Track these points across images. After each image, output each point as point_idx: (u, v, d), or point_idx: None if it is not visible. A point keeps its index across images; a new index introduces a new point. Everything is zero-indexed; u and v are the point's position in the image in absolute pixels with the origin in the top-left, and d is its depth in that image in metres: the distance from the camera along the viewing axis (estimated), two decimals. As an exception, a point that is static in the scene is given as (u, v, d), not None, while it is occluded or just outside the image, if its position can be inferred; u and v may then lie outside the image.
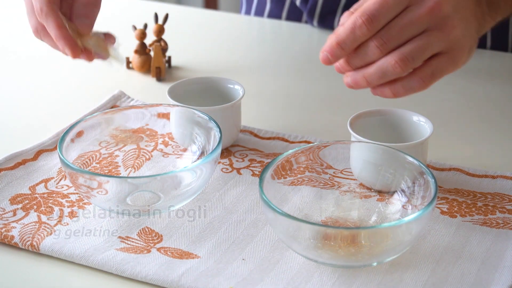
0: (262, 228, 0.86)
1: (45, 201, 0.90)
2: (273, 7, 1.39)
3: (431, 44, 0.79)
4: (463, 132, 1.06)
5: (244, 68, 1.24)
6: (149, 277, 0.79)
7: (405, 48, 0.78)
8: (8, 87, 1.20)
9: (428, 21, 0.79)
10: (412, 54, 0.78)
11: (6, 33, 1.38)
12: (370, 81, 0.79)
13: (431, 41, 0.79)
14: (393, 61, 0.78)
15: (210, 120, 0.92)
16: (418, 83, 0.80)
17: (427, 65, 0.80)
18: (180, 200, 0.88)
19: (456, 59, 0.81)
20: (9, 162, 0.96)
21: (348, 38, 0.78)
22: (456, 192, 0.92)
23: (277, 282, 0.79)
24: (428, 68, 0.80)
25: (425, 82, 0.80)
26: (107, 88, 1.13)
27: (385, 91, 0.81)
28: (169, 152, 0.98)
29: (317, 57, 1.28)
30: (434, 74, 0.80)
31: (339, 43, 0.79)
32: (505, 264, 0.81)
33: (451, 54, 0.81)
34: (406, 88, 0.80)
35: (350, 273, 0.80)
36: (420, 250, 0.83)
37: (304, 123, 1.08)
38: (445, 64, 0.81)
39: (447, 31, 0.80)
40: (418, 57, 0.79)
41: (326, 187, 0.90)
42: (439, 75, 0.81)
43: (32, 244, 0.83)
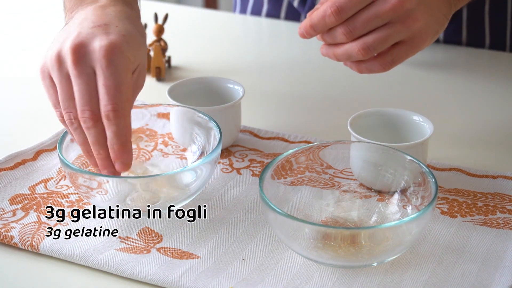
0: (262, 228, 0.86)
1: (44, 201, 0.90)
2: (270, 7, 1.39)
3: (392, 36, 0.87)
4: (463, 132, 1.06)
5: (244, 68, 1.24)
6: (149, 277, 0.79)
7: (368, 38, 0.87)
8: (8, 87, 1.20)
9: (391, 16, 0.86)
10: (374, 44, 0.87)
11: (6, 33, 1.38)
12: (338, 59, 0.90)
13: (392, 33, 0.87)
14: (357, 48, 0.87)
15: (210, 120, 0.92)
16: (379, 67, 0.90)
17: (389, 53, 0.89)
18: (180, 200, 0.88)
19: (417, 47, 0.90)
20: (9, 162, 0.96)
21: (319, 23, 0.88)
22: (456, 192, 0.92)
23: (277, 282, 0.79)
24: (389, 55, 0.89)
25: (385, 67, 0.89)
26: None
27: (352, 67, 0.91)
28: (169, 152, 0.98)
29: (318, 58, 1.28)
30: (394, 60, 0.89)
31: (311, 25, 0.88)
32: (506, 264, 0.81)
33: (412, 42, 0.89)
34: (369, 69, 0.90)
35: (350, 273, 0.80)
36: (420, 250, 0.83)
37: (304, 123, 1.08)
38: (405, 51, 0.89)
39: (409, 24, 0.87)
40: (379, 47, 0.87)
41: (326, 187, 0.90)
42: (399, 61, 0.90)
43: (31, 244, 0.83)
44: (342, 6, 0.86)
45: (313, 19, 0.88)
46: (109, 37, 0.83)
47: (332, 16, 0.86)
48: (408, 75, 1.21)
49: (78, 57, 0.82)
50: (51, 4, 1.51)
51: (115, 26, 0.85)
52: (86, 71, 0.82)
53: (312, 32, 0.89)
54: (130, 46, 0.84)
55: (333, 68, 1.24)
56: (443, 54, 1.27)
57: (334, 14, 0.86)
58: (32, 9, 1.49)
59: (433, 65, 1.24)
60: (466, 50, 1.28)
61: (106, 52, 0.82)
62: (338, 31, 0.87)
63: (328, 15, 0.87)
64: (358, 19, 0.87)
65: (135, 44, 0.85)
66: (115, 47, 0.83)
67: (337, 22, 0.87)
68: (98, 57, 0.82)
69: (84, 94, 0.82)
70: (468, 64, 1.25)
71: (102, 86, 0.82)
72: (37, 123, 1.08)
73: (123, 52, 0.83)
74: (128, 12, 0.89)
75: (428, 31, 0.89)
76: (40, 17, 1.45)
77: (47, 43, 1.33)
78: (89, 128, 0.82)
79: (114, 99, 0.82)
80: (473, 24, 1.27)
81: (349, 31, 0.87)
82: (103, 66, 0.82)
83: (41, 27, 1.40)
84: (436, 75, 1.21)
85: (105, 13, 0.87)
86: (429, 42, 0.91)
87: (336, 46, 0.89)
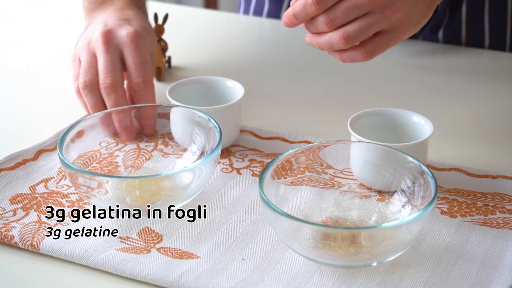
0: (262, 228, 0.86)
1: (45, 201, 0.90)
2: (271, 7, 1.39)
3: (372, 26, 0.90)
4: (463, 132, 1.06)
5: (244, 68, 1.24)
6: (149, 277, 0.79)
7: (349, 28, 0.89)
8: (8, 87, 1.20)
9: (370, 6, 0.89)
10: (354, 33, 0.89)
11: (6, 33, 1.38)
12: (321, 48, 0.92)
13: (372, 23, 0.89)
14: (338, 37, 0.90)
15: (210, 120, 0.92)
16: (361, 56, 0.92)
17: (370, 42, 0.91)
18: (180, 200, 0.88)
19: (398, 37, 0.92)
20: (9, 162, 0.96)
21: (301, 12, 0.90)
22: (456, 192, 0.92)
23: (277, 282, 0.79)
24: (370, 45, 0.91)
25: (367, 56, 0.92)
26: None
27: (335, 55, 0.93)
28: (169, 152, 0.98)
29: (318, 57, 1.28)
30: (376, 50, 0.92)
31: (294, 14, 0.91)
32: (505, 264, 0.81)
33: (393, 33, 0.91)
34: (351, 58, 0.92)
35: (350, 273, 0.80)
36: (420, 250, 0.83)
37: (304, 123, 1.08)
38: (386, 42, 0.92)
39: (389, 14, 0.89)
40: (360, 36, 0.90)
41: (326, 187, 0.90)
42: (381, 50, 0.92)
43: (32, 244, 0.83)
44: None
45: (295, 8, 0.90)
46: (133, 27, 1.03)
47: (313, 5, 0.89)
48: (408, 75, 1.21)
49: (107, 39, 1.01)
50: (56, 8, 1.51)
51: (135, 21, 1.05)
52: (112, 49, 1.00)
53: (295, 21, 0.91)
54: (148, 35, 1.04)
55: (333, 68, 1.24)
56: (442, 54, 1.27)
57: (315, 3, 0.89)
58: (33, 10, 1.49)
59: (433, 65, 1.24)
60: (465, 50, 1.28)
61: (133, 37, 1.01)
62: (320, 20, 0.90)
63: (309, 4, 0.89)
64: (338, 9, 0.89)
65: (151, 35, 1.06)
66: (139, 34, 1.02)
67: (318, 11, 0.89)
68: (126, 41, 1.01)
69: (108, 64, 0.99)
70: (467, 64, 1.25)
71: (132, 63, 1.01)
72: (37, 123, 1.08)
73: (144, 39, 1.03)
74: (141, 14, 1.08)
75: (409, 21, 0.91)
76: (42, 18, 1.45)
77: (48, 43, 1.33)
78: (109, 94, 0.98)
79: (143, 73, 1.00)
80: (473, 24, 1.27)
81: (329, 20, 0.89)
82: (131, 47, 1.01)
83: (43, 28, 1.40)
84: (436, 75, 1.21)
85: (124, 13, 1.06)
86: (411, 32, 0.93)
87: (319, 35, 0.92)
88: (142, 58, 1.01)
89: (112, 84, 0.98)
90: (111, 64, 0.99)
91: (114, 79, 0.98)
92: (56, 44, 1.33)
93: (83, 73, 1.00)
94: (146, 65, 1.01)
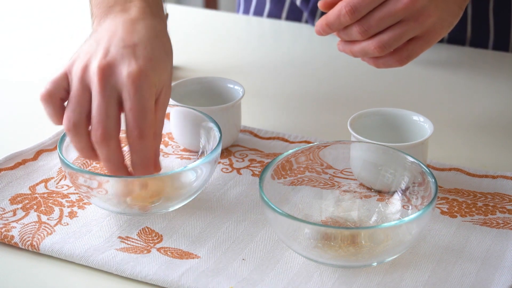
0: (262, 228, 0.86)
1: (45, 201, 0.90)
2: (272, 7, 1.39)
3: (406, 33, 0.91)
4: (463, 132, 1.06)
5: (244, 68, 1.24)
6: (149, 277, 0.79)
7: (383, 36, 0.91)
8: (8, 87, 1.20)
9: (403, 14, 0.90)
10: (389, 42, 0.91)
11: (6, 33, 1.38)
12: (355, 55, 0.94)
13: (406, 30, 0.91)
14: (373, 46, 0.91)
15: (210, 120, 0.92)
16: (396, 63, 0.93)
17: (404, 48, 0.93)
18: (180, 200, 0.88)
19: (432, 41, 0.93)
20: (9, 162, 0.96)
21: (334, 22, 0.91)
22: (456, 192, 0.92)
23: (277, 282, 0.79)
24: (405, 51, 0.93)
25: (402, 62, 0.93)
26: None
27: (369, 62, 0.95)
28: (169, 152, 0.98)
29: (318, 57, 1.28)
30: (410, 55, 0.93)
31: (327, 24, 0.92)
32: (505, 264, 0.81)
33: (427, 37, 0.93)
34: (386, 65, 0.94)
35: (350, 273, 0.80)
36: (420, 250, 0.83)
37: (304, 123, 1.08)
38: (420, 47, 0.93)
39: (422, 20, 0.90)
40: (394, 44, 0.91)
41: (326, 187, 0.90)
42: (415, 55, 0.94)
43: (32, 244, 0.83)
44: (356, 6, 0.89)
45: (329, 18, 0.91)
46: (137, 62, 0.85)
47: (346, 16, 0.90)
48: (409, 74, 1.21)
49: (104, 77, 0.84)
50: (57, 7, 1.51)
51: (143, 48, 0.86)
52: (109, 91, 0.84)
53: (328, 30, 0.92)
54: (156, 71, 0.86)
55: (333, 68, 1.24)
56: (445, 54, 1.27)
57: (349, 14, 0.89)
58: (33, 11, 1.49)
59: (435, 64, 1.24)
60: (469, 50, 1.27)
61: (134, 79, 0.83)
62: (354, 30, 0.91)
63: (343, 14, 0.90)
64: (372, 18, 0.90)
65: (161, 67, 0.87)
66: (142, 74, 0.84)
67: (351, 21, 0.90)
68: (126, 82, 0.84)
69: (101, 111, 0.83)
70: (470, 64, 1.25)
71: (129, 110, 0.84)
72: (37, 123, 1.08)
73: (149, 78, 0.85)
74: (157, 28, 0.90)
75: (442, 25, 0.92)
76: (44, 19, 1.45)
77: (49, 46, 1.33)
78: (100, 147, 0.83)
79: (139, 124, 0.84)
80: (478, 24, 1.27)
81: (364, 30, 0.90)
82: (130, 91, 0.83)
83: (45, 29, 1.40)
84: (437, 75, 1.21)
85: (135, 30, 0.88)
86: (443, 35, 0.94)
87: (352, 43, 0.93)
88: (141, 104, 0.83)
89: (103, 137, 0.83)
90: (105, 111, 0.83)
91: (105, 131, 0.83)
92: (56, 44, 1.33)
93: (70, 110, 0.84)
94: (145, 113, 0.84)
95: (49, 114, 0.87)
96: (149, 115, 0.84)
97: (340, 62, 1.25)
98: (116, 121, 0.84)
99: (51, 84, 0.86)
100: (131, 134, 0.83)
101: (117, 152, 0.84)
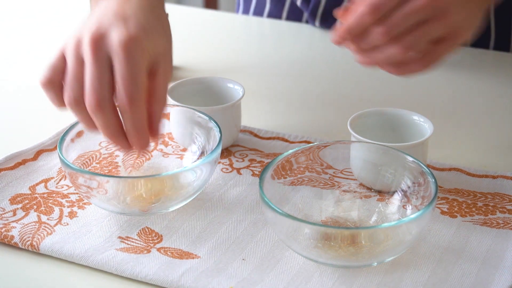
0: (262, 228, 0.86)
1: (45, 201, 0.90)
2: (272, 7, 1.39)
3: (429, 32, 0.86)
4: (463, 132, 1.06)
5: (244, 68, 1.24)
6: (149, 277, 0.79)
7: (406, 37, 0.86)
8: (8, 87, 1.20)
9: (427, 12, 0.85)
10: (413, 42, 0.86)
11: (5, 33, 1.38)
12: (378, 63, 0.88)
13: (429, 30, 0.86)
14: (397, 49, 0.86)
15: (210, 120, 0.92)
16: (421, 67, 0.88)
17: (430, 53, 0.88)
18: (180, 200, 0.88)
19: (457, 42, 0.89)
20: (9, 162, 0.96)
21: (355, 25, 0.86)
22: (456, 192, 0.92)
23: (277, 282, 0.79)
24: (429, 55, 0.88)
25: (427, 66, 0.88)
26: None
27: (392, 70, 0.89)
28: (169, 152, 0.98)
29: (318, 57, 1.28)
30: (435, 59, 0.89)
31: (348, 28, 0.87)
32: (505, 264, 0.81)
33: (452, 39, 0.88)
34: (411, 71, 0.89)
35: (350, 273, 0.80)
36: (420, 250, 0.83)
37: (304, 123, 1.08)
38: (445, 48, 0.89)
39: (446, 20, 0.86)
40: (419, 44, 0.86)
41: (326, 187, 0.90)
42: (440, 59, 0.89)
43: (32, 244, 0.83)
44: (377, 4, 0.85)
45: (350, 22, 0.87)
46: (128, 29, 0.85)
47: (368, 15, 0.85)
48: (408, 75, 1.21)
49: (96, 46, 0.84)
50: (57, 8, 1.51)
51: (135, 18, 0.86)
52: (101, 59, 0.84)
53: (348, 36, 0.87)
54: (148, 37, 0.85)
55: (333, 68, 1.24)
56: (445, 54, 1.27)
57: (371, 12, 0.85)
58: (33, 11, 1.49)
59: (434, 65, 1.24)
60: (470, 51, 1.27)
61: (125, 43, 0.83)
62: (375, 32, 0.86)
63: (364, 14, 0.85)
64: (394, 17, 0.86)
65: (155, 36, 0.87)
66: (134, 39, 0.84)
67: (373, 20, 0.86)
68: (117, 49, 0.83)
69: (94, 79, 0.84)
70: (471, 64, 1.25)
71: (119, 77, 0.83)
72: (37, 123, 1.08)
73: (140, 44, 0.84)
74: (153, 4, 0.89)
75: (467, 26, 0.89)
76: (44, 20, 1.45)
77: (49, 46, 1.33)
78: (95, 114, 0.84)
79: (129, 89, 0.83)
80: None
81: (386, 30, 0.86)
82: (121, 57, 0.83)
83: (45, 29, 1.40)
84: (437, 75, 1.21)
85: (128, 5, 0.88)
86: (468, 36, 0.90)
87: (373, 51, 0.88)
88: (132, 70, 0.83)
89: (97, 104, 0.83)
90: (97, 79, 0.83)
91: (99, 98, 0.83)
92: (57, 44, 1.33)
93: (68, 87, 0.85)
94: (135, 79, 0.83)
95: (51, 99, 0.87)
96: (139, 81, 0.83)
97: (340, 62, 1.25)
98: (110, 88, 0.84)
99: (49, 70, 0.87)
100: (121, 100, 0.83)
101: (113, 118, 0.84)
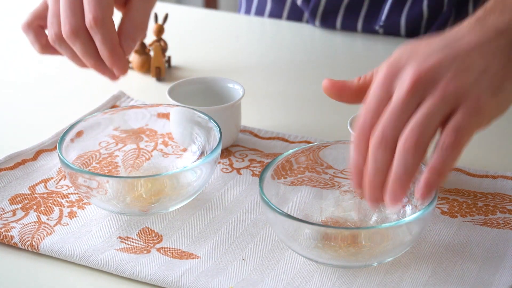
0: (262, 228, 0.86)
1: (44, 201, 0.90)
2: (273, 6, 1.39)
3: (430, 113, 0.70)
4: (463, 132, 1.06)
5: (244, 68, 1.24)
6: (149, 277, 0.79)
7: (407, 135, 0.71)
8: (8, 87, 1.20)
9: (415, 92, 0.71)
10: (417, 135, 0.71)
11: (5, 33, 1.38)
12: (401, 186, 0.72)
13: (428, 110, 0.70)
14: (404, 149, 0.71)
15: (210, 120, 0.92)
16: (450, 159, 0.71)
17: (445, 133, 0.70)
18: (180, 200, 0.88)
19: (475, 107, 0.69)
20: (9, 162, 0.96)
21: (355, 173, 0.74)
22: (457, 192, 0.92)
23: (277, 282, 0.79)
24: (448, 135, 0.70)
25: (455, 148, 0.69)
26: (107, 88, 1.13)
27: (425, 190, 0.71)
28: (169, 152, 0.97)
29: (318, 57, 1.28)
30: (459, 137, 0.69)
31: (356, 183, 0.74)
32: (506, 264, 0.81)
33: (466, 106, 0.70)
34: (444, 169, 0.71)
35: (351, 273, 0.80)
36: (421, 250, 0.83)
37: (304, 123, 1.08)
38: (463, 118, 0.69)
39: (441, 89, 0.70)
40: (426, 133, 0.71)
41: (326, 187, 0.90)
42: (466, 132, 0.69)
43: (31, 244, 0.83)
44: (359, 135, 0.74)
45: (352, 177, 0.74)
46: None
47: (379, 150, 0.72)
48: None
49: None
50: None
51: None
52: None
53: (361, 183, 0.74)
54: None
55: (333, 68, 1.24)
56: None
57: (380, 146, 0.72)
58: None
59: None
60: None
61: None
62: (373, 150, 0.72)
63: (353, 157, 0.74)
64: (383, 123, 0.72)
65: None
66: None
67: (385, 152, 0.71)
68: None
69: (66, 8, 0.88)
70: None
71: (85, 1, 0.88)
72: (37, 123, 1.08)
73: None
74: None
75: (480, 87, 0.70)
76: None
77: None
78: (73, 42, 0.88)
79: (94, 8, 0.87)
80: None
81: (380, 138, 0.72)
82: None
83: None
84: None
85: None
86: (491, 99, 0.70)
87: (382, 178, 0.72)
88: None
89: (72, 31, 0.88)
90: (69, 8, 0.88)
91: (72, 25, 0.88)
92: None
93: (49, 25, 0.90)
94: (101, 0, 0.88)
95: (31, 41, 0.91)
96: (104, 2, 0.87)
97: (340, 62, 1.25)
98: (82, 17, 0.88)
99: (30, 15, 0.90)
100: (88, 21, 0.87)
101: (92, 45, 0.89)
